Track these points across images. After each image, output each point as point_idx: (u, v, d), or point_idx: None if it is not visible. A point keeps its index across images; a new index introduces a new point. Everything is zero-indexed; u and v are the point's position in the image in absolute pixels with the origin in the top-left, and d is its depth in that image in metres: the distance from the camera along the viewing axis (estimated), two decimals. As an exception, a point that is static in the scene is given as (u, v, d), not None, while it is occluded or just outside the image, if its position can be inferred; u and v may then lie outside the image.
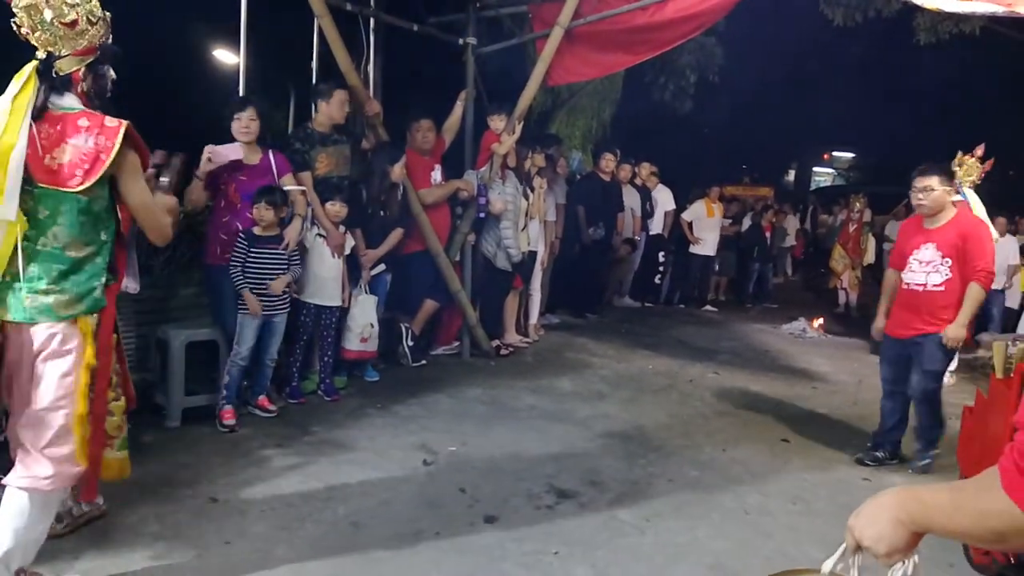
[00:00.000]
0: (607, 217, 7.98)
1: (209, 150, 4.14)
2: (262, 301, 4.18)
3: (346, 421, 4.38)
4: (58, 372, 2.33)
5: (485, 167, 5.96)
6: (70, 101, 2.39)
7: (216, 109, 4.40)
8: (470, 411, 4.74)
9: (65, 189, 2.31)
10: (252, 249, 4.16)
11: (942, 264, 3.97)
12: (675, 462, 4.06)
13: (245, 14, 5.02)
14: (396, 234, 5.23)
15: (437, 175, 5.78)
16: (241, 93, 5.05)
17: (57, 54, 2.37)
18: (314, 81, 5.49)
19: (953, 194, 4.05)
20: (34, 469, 2.34)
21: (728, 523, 3.36)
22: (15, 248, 2.30)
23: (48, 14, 2.32)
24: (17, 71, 2.34)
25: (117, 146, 2.34)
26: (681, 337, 7.66)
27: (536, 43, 6.23)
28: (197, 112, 4.82)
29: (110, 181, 2.40)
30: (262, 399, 4.35)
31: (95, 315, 2.42)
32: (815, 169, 26.09)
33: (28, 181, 2.28)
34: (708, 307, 9.83)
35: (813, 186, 23.16)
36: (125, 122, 2.37)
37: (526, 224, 6.35)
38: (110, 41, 2.48)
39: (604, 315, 8.41)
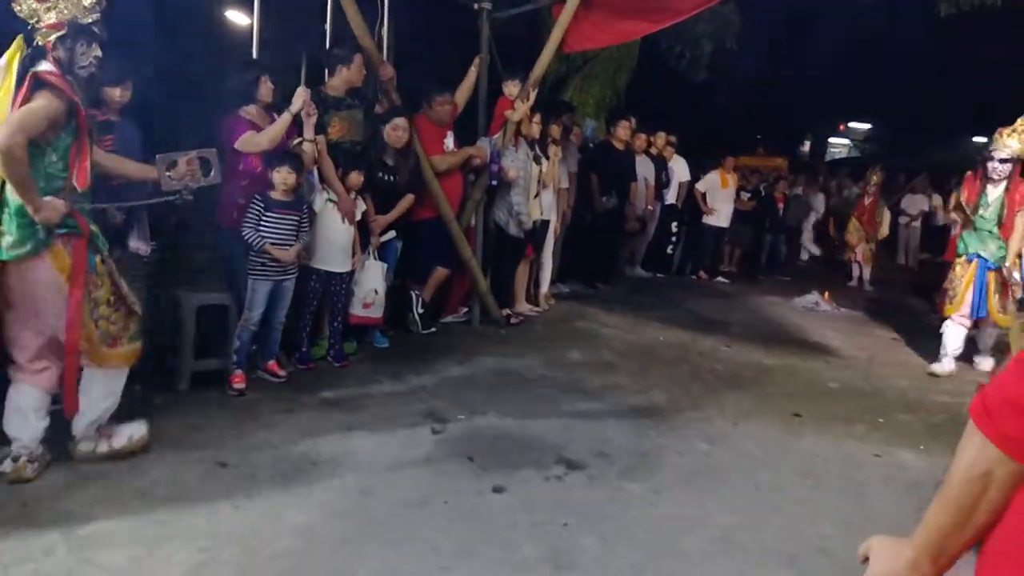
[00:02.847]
0: (619, 186, 7.88)
1: (304, 90, 4.30)
2: (272, 266, 4.17)
3: (355, 387, 4.37)
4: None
5: (498, 134, 5.87)
6: (44, 67, 2.75)
7: (227, 70, 4.35)
8: (479, 380, 4.72)
9: None
10: (267, 213, 4.13)
11: None
12: (685, 435, 4.03)
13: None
14: (407, 200, 5.18)
15: (450, 142, 5.70)
16: (255, 56, 4.97)
17: (36, 26, 2.78)
18: (328, 45, 5.39)
19: None
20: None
21: (737, 497, 3.34)
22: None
23: None
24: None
25: (25, 93, 2.69)
26: (693, 308, 7.60)
27: (552, 8, 6.10)
28: (208, 74, 4.76)
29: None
30: (272, 364, 4.35)
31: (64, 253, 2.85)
32: (830, 140, 25.71)
33: None
34: (720, 278, 9.76)
35: (829, 157, 22.84)
36: (40, 71, 2.71)
37: (538, 192, 6.28)
38: (94, 21, 2.87)
39: (615, 285, 8.35)
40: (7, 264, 2.80)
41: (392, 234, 5.17)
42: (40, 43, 2.76)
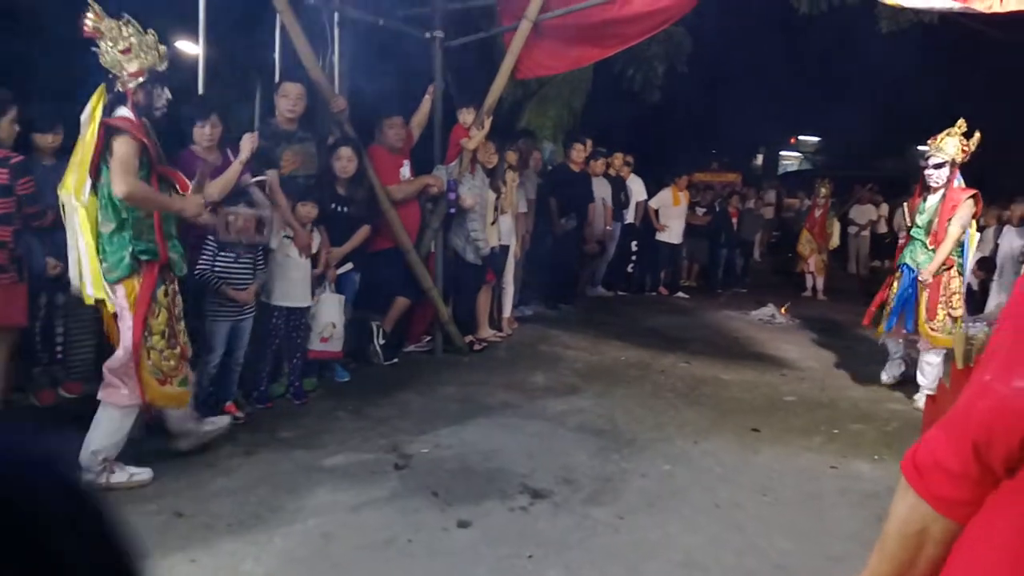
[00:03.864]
0: (578, 208, 7.97)
1: (250, 136, 4.21)
2: (230, 306, 4.12)
3: (316, 425, 4.31)
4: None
5: (455, 162, 5.90)
6: (122, 112, 3.13)
7: (176, 103, 4.29)
8: (443, 410, 4.70)
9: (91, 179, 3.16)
10: (220, 253, 4.09)
11: None
12: (647, 456, 4.07)
13: (204, 5, 4.82)
14: (362, 231, 5.16)
15: (406, 171, 5.71)
16: (200, 87, 4.88)
17: (117, 74, 3.13)
18: (277, 76, 5.37)
19: None
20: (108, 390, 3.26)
21: (699, 517, 3.38)
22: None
23: (108, 44, 3.09)
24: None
25: (99, 141, 3.09)
26: (653, 326, 7.70)
27: (504, 36, 6.17)
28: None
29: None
30: (229, 405, 4.27)
31: (134, 279, 3.18)
32: (782, 153, 26.27)
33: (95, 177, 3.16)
34: (680, 293, 9.90)
35: (781, 170, 23.33)
36: (107, 119, 3.08)
37: (496, 218, 6.31)
38: (164, 68, 3.24)
39: (577, 305, 8.41)
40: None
41: (350, 266, 5.15)
42: (121, 89, 3.13)
